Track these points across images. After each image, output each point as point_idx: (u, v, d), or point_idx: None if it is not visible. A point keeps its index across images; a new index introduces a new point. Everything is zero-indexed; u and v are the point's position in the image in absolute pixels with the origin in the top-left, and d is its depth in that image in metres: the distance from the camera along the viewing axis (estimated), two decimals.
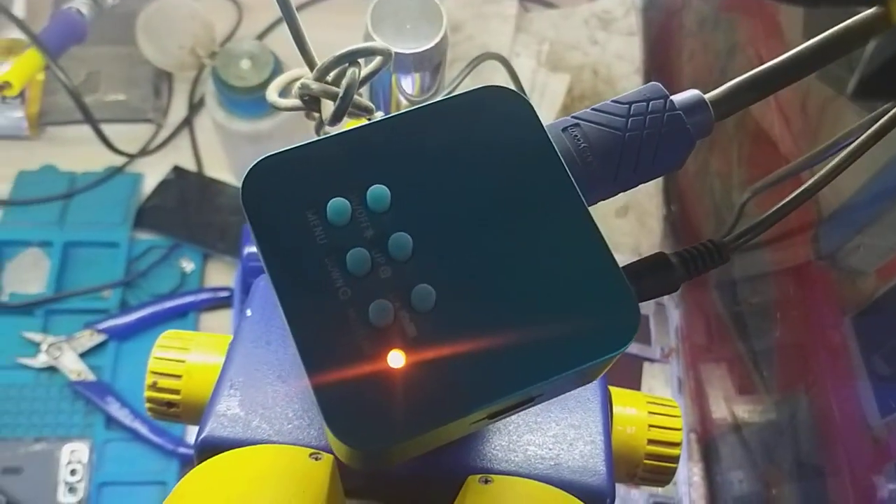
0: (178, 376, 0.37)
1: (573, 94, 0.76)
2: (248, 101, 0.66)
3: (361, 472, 0.30)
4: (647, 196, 0.73)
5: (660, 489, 0.64)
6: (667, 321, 0.71)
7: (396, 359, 0.22)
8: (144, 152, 0.78)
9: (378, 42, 0.31)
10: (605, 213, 0.71)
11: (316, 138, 0.25)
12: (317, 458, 0.28)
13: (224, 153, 0.76)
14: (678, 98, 0.27)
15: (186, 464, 0.66)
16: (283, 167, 0.24)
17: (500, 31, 0.77)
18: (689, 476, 0.66)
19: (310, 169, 0.24)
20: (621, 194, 0.27)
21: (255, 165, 0.24)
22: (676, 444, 0.37)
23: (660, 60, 0.79)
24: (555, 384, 0.23)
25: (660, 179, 0.75)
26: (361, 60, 0.31)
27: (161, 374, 0.37)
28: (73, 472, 0.65)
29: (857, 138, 0.29)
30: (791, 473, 0.54)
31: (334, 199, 0.23)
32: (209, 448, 0.30)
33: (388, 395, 0.21)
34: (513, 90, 0.25)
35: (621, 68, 0.78)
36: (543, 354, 0.22)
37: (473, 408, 0.22)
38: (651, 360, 0.70)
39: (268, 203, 0.23)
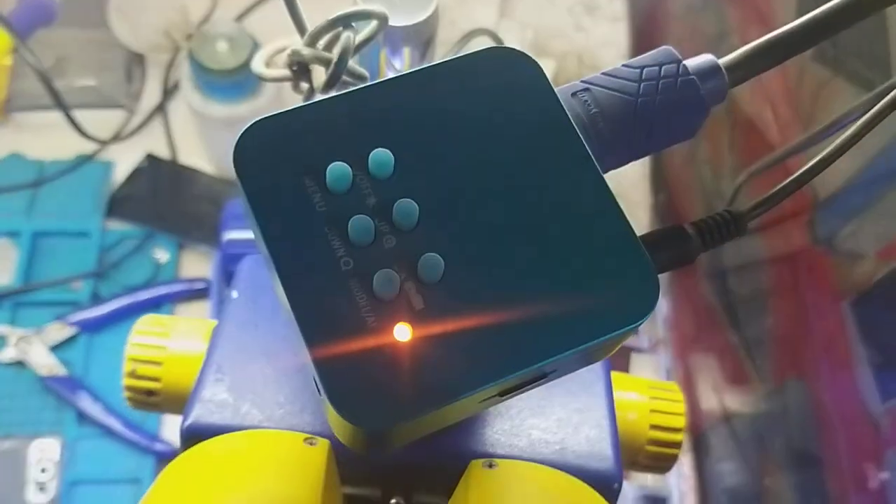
0: (159, 363, 0.35)
1: (558, 81, 0.75)
2: (225, 84, 0.64)
3: (359, 458, 0.28)
4: (634, 185, 0.72)
5: (649, 481, 0.63)
6: (655, 311, 0.70)
7: (402, 332, 0.20)
8: (116, 139, 0.76)
9: (373, 6, 0.30)
10: None
11: (313, 100, 0.23)
12: (312, 444, 0.27)
13: (199, 139, 0.74)
14: (691, 63, 0.26)
15: (162, 461, 0.64)
16: (279, 130, 0.22)
17: (484, 17, 0.76)
18: (679, 467, 0.65)
19: (307, 132, 0.22)
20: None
21: (247, 129, 0.22)
22: (679, 430, 0.36)
23: (646, 47, 0.78)
24: (569, 359, 0.21)
25: (647, 168, 0.74)
26: (355, 26, 0.30)
27: (140, 360, 0.36)
28: (43, 471, 0.63)
29: (864, 113, 0.28)
30: (785, 463, 0.53)
31: (334, 164, 0.22)
32: (196, 435, 0.29)
33: (393, 371, 0.20)
34: (521, 51, 0.24)
35: (607, 55, 0.77)
36: (558, 328, 0.21)
37: (483, 384, 0.20)
38: (639, 351, 0.69)
39: (262, 169, 0.22)
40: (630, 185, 0.73)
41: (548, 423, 0.30)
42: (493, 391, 0.21)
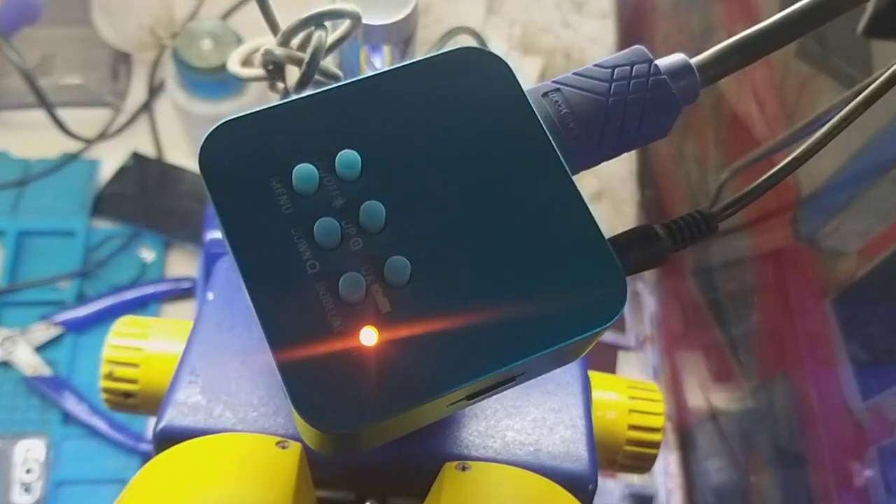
0: (136, 365, 0.35)
1: (545, 78, 0.75)
2: (210, 82, 0.64)
3: (332, 461, 0.28)
4: (621, 181, 0.72)
5: (636, 479, 0.63)
6: (642, 309, 0.70)
7: (368, 335, 0.20)
8: (102, 137, 0.75)
9: (346, 4, 0.30)
10: None
11: (280, 101, 0.23)
12: (284, 447, 0.27)
13: (185, 137, 0.74)
14: (663, 62, 0.26)
15: (148, 460, 0.64)
16: (245, 131, 0.22)
17: (471, 13, 0.76)
18: (665, 465, 0.65)
19: (274, 133, 0.22)
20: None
21: (213, 130, 0.22)
22: (658, 430, 0.36)
23: (633, 43, 0.78)
24: (538, 362, 0.21)
25: (633, 164, 0.74)
26: (329, 25, 0.30)
27: (117, 362, 0.35)
28: (28, 471, 0.62)
29: (842, 109, 0.28)
30: (771, 460, 0.53)
31: (300, 166, 0.21)
32: (169, 438, 0.29)
33: (359, 374, 0.20)
34: (491, 51, 0.24)
35: (594, 51, 0.76)
36: (525, 330, 0.21)
37: (450, 387, 0.20)
38: (626, 349, 0.69)
39: (228, 170, 0.22)
40: (618, 181, 0.73)
41: (523, 424, 0.30)
42: (461, 395, 0.21)
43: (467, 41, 0.45)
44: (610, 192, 0.72)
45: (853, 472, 0.44)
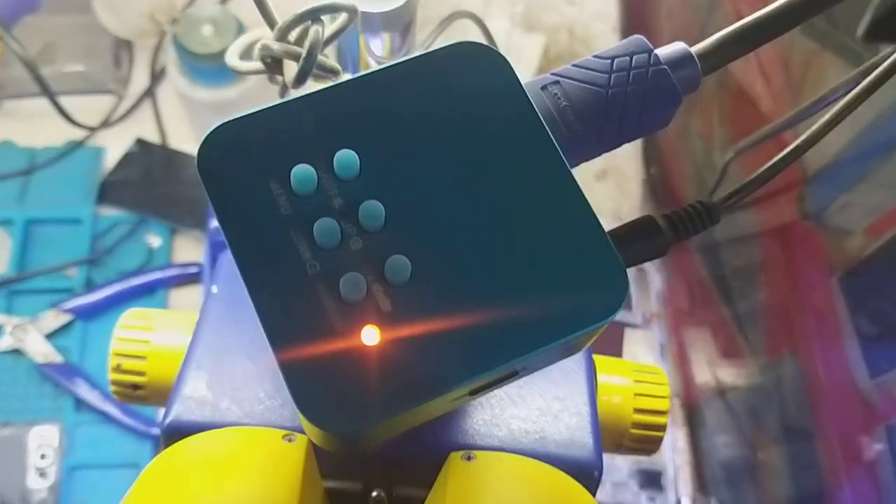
0: (143, 357, 0.35)
1: (549, 55, 0.74)
2: (211, 68, 0.64)
3: (338, 453, 0.28)
4: (627, 159, 0.72)
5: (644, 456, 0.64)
6: (648, 286, 0.70)
7: (370, 335, 0.20)
8: (106, 125, 0.75)
9: None
10: (584, 178, 0.70)
11: (278, 101, 0.23)
12: (290, 440, 0.27)
13: (188, 124, 0.73)
14: (663, 52, 0.25)
15: (158, 449, 0.65)
16: (243, 133, 0.22)
17: None
18: (673, 442, 0.65)
19: (272, 134, 0.22)
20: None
21: (211, 132, 0.22)
22: (663, 413, 0.36)
23: (637, 18, 0.77)
24: (539, 357, 0.21)
25: (639, 142, 0.74)
26: (326, 19, 0.30)
27: (125, 355, 0.36)
28: (43, 457, 0.63)
29: (847, 92, 0.28)
30: (778, 437, 0.53)
31: (299, 167, 0.21)
32: (176, 432, 0.29)
33: (361, 374, 0.20)
34: (488, 46, 0.24)
35: (598, 28, 0.76)
36: (526, 326, 0.21)
37: (452, 385, 0.20)
38: (633, 326, 0.69)
39: (227, 172, 0.22)
40: (623, 159, 0.72)
41: (528, 413, 0.30)
42: (463, 391, 0.21)
43: (467, 25, 0.45)
44: (615, 170, 0.71)
45: (862, 449, 0.44)
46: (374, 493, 0.29)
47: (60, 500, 0.62)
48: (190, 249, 0.72)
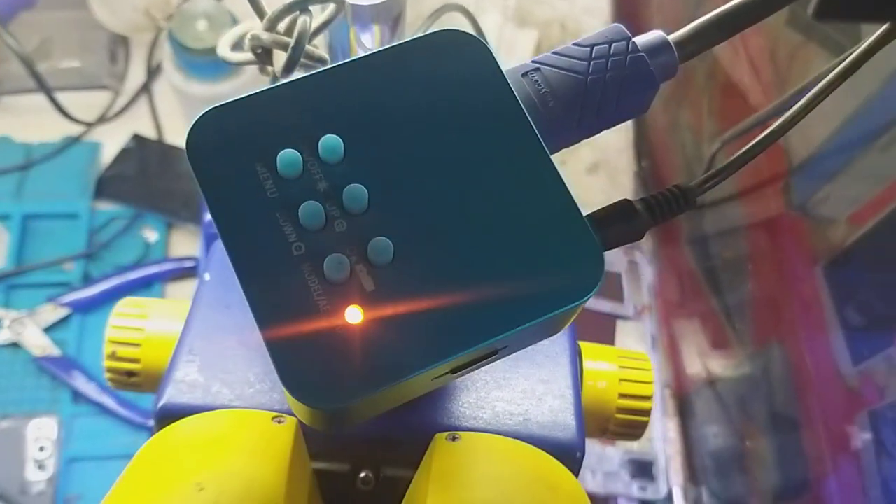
0: (137, 345, 0.36)
1: (541, 49, 0.75)
2: (206, 63, 0.64)
3: (326, 434, 0.29)
4: (618, 152, 0.72)
5: (635, 446, 0.64)
6: (640, 279, 0.70)
7: (354, 314, 0.21)
8: (102, 120, 0.76)
9: None
10: (575, 171, 0.71)
11: (263, 88, 0.23)
12: (280, 422, 0.28)
13: (184, 118, 0.74)
14: (641, 40, 0.26)
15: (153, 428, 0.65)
16: (230, 118, 0.23)
17: None
18: (664, 432, 0.66)
19: (258, 119, 0.23)
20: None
21: (200, 117, 0.23)
22: (647, 398, 0.37)
23: (628, 12, 0.78)
24: (518, 336, 0.22)
25: (630, 135, 0.74)
26: (315, 10, 0.30)
27: (119, 342, 0.36)
28: (41, 449, 0.64)
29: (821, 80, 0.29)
30: (766, 425, 0.54)
31: (285, 151, 0.22)
32: (169, 415, 0.29)
33: (345, 352, 0.21)
34: (470, 34, 0.24)
35: (590, 22, 0.76)
36: (505, 306, 0.22)
37: (433, 363, 0.21)
38: (625, 318, 0.69)
39: (215, 156, 0.22)
40: (614, 152, 0.73)
41: (512, 395, 0.31)
42: (444, 369, 0.22)
43: (457, 17, 0.46)
44: (606, 163, 0.72)
45: (846, 435, 0.44)
46: (362, 474, 0.30)
47: (58, 492, 0.63)
48: (186, 244, 0.73)
